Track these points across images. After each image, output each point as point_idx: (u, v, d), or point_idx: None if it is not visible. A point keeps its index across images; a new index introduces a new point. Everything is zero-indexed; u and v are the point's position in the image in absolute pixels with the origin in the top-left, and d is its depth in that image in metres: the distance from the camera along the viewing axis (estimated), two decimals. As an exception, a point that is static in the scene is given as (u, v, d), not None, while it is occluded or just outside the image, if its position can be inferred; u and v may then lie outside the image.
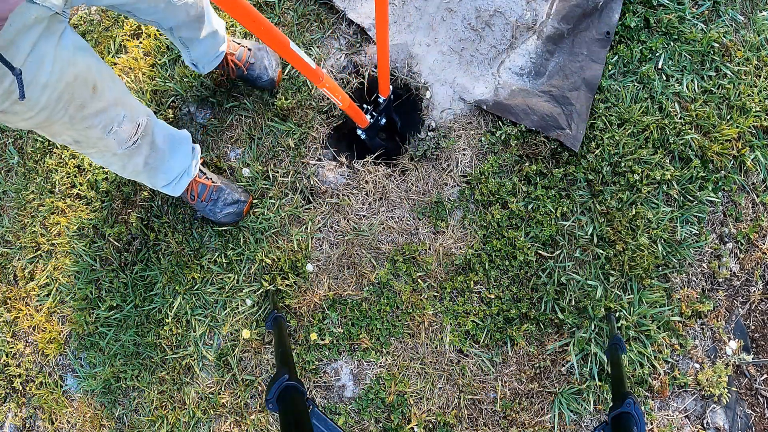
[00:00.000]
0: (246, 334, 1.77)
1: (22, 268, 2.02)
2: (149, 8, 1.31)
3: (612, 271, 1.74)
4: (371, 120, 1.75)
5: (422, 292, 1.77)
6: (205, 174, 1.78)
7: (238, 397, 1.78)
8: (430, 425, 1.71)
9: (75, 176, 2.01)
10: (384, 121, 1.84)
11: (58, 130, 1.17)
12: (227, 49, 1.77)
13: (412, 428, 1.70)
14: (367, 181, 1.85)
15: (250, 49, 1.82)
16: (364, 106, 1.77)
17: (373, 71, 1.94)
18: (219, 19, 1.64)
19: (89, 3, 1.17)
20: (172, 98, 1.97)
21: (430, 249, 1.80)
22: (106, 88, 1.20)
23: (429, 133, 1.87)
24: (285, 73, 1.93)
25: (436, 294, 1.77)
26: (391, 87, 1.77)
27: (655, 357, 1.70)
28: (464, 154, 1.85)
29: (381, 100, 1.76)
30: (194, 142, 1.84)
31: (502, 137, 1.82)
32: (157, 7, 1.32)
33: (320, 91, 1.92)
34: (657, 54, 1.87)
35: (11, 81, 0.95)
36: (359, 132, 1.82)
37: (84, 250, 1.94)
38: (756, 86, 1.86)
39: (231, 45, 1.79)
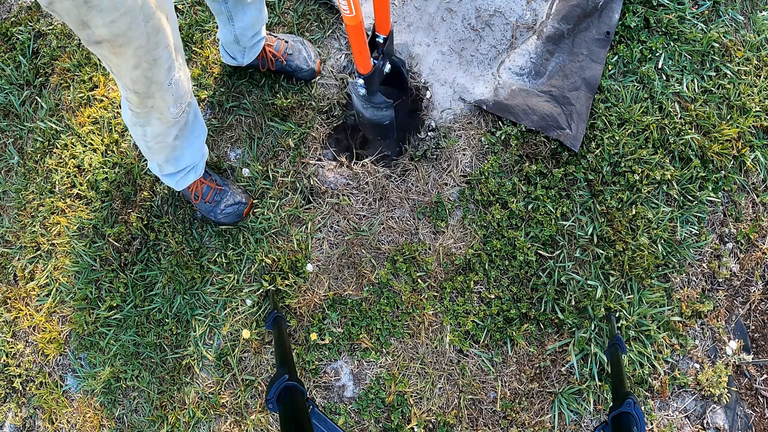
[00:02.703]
0: (246, 334, 1.77)
1: (22, 268, 2.02)
2: None
3: (612, 271, 1.74)
4: (374, 64, 1.47)
5: (422, 292, 1.77)
6: (210, 176, 1.79)
7: (238, 397, 1.78)
8: (430, 425, 1.71)
9: (75, 176, 2.01)
10: (389, 67, 1.57)
11: (129, 59, 1.13)
12: (265, 41, 1.77)
13: (412, 428, 1.70)
14: (367, 181, 1.85)
15: (287, 41, 1.83)
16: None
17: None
18: None
19: None
20: (172, 98, 1.97)
21: (430, 249, 1.80)
22: (172, 27, 1.19)
23: (429, 133, 1.87)
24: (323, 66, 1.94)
25: (436, 294, 1.77)
26: (392, 24, 1.50)
27: (655, 357, 1.70)
28: (464, 154, 1.85)
29: (380, 40, 1.47)
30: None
31: (502, 137, 1.82)
32: None
33: (320, 90, 1.93)
34: (657, 54, 1.87)
35: None
36: (359, 87, 1.52)
37: (84, 250, 1.94)
38: (756, 86, 1.86)
39: (268, 38, 1.80)
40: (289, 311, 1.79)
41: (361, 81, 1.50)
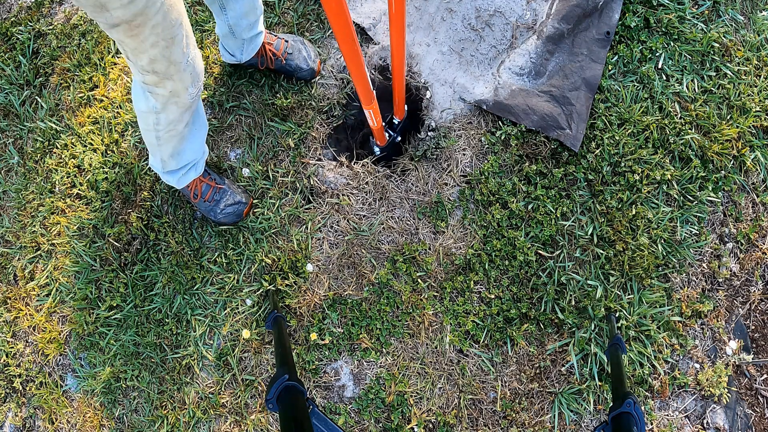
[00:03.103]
0: (246, 334, 1.77)
1: (22, 268, 2.02)
2: None
3: (612, 271, 1.74)
4: (389, 138, 1.84)
5: (422, 292, 1.77)
6: (209, 174, 1.79)
7: (238, 397, 1.78)
8: (430, 425, 1.71)
9: (75, 176, 2.01)
10: (399, 138, 1.91)
11: (147, 38, 1.13)
12: (264, 39, 1.78)
13: (412, 428, 1.70)
14: (367, 181, 1.85)
15: (287, 41, 1.83)
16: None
17: (373, 73, 1.94)
18: None
19: None
20: (172, 98, 1.97)
21: (430, 249, 1.80)
22: (183, 7, 1.20)
23: (429, 133, 1.87)
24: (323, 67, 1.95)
25: (436, 294, 1.77)
26: (406, 108, 1.80)
27: (655, 357, 1.70)
28: (464, 154, 1.85)
29: (396, 122, 1.83)
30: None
31: (502, 137, 1.82)
32: None
33: (320, 90, 1.93)
34: (657, 54, 1.87)
35: None
36: (375, 148, 1.92)
37: (84, 250, 1.94)
38: (756, 86, 1.86)
39: (268, 36, 1.80)
40: (289, 311, 1.79)
41: (377, 147, 1.93)
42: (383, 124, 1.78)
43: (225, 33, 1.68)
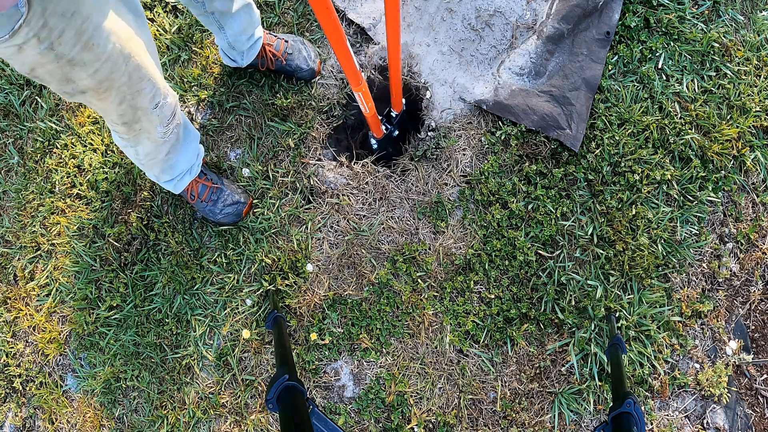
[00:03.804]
0: (246, 334, 1.77)
1: (22, 268, 2.02)
2: None
3: (612, 271, 1.74)
4: (385, 132, 1.83)
5: (422, 292, 1.77)
6: (206, 175, 1.79)
7: (238, 397, 1.78)
8: (430, 425, 1.71)
9: (75, 176, 2.01)
10: (397, 133, 1.90)
11: (114, 99, 1.15)
12: (264, 40, 1.78)
13: (412, 428, 1.70)
14: (367, 181, 1.85)
15: (287, 41, 1.83)
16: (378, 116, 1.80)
17: (372, 73, 1.94)
18: None
19: None
20: (172, 98, 1.97)
21: (430, 249, 1.80)
22: (153, 56, 1.21)
23: (429, 133, 1.87)
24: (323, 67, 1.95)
25: (436, 294, 1.77)
26: (404, 101, 1.81)
27: (655, 357, 1.70)
28: (464, 154, 1.85)
29: (394, 115, 1.82)
30: (194, 142, 1.84)
31: (502, 137, 1.82)
32: None
33: (320, 90, 1.93)
34: (657, 54, 1.87)
35: (83, 18, 0.94)
36: (372, 141, 1.88)
37: (84, 250, 1.94)
38: (756, 86, 1.86)
39: (268, 37, 1.81)
40: (289, 311, 1.79)
41: (374, 140, 1.90)
42: (381, 117, 1.79)
43: (225, 47, 1.72)
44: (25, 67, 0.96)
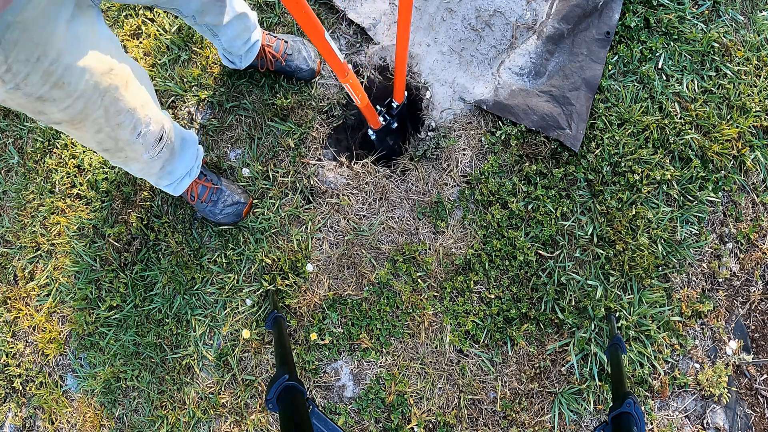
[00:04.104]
0: (246, 334, 1.77)
1: (22, 268, 2.02)
2: None
3: (612, 271, 1.74)
4: (383, 123, 1.80)
5: (422, 292, 1.77)
6: (205, 175, 1.78)
7: (238, 397, 1.78)
8: (430, 425, 1.71)
9: (75, 176, 2.01)
10: (395, 125, 1.87)
11: (90, 129, 1.15)
12: (263, 41, 1.78)
13: (412, 428, 1.70)
14: (367, 182, 1.85)
15: (286, 42, 1.83)
16: (377, 107, 1.78)
17: (372, 73, 1.94)
18: (244, 3, 1.62)
19: None
20: (172, 98, 1.97)
21: (430, 249, 1.80)
22: (137, 87, 1.21)
23: (429, 133, 1.87)
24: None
25: (436, 294, 1.77)
26: (406, 94, 1.79)
27: (655, 357, 1.70)
28: (464, 154, 1.85)
29: (395, 105, 1.80)
30: (194, 142, 1.84)
31: (502, 137, 1.82)
32: None
33: (320, 90, 1.93)
34: (657, 54, 1.87)
35: (51, 60, 0.94)
36: (370, 132, 1.86)
37: (84, 250, 1.94)
38: (756, 86, 1.86)
39: (267, 38, 1.81)
40: (289, 311, 1.79)
41: (370, 130, 1.85)
42: (381, 108, 1.79)
43: (222, 52, 1.73)
44: None
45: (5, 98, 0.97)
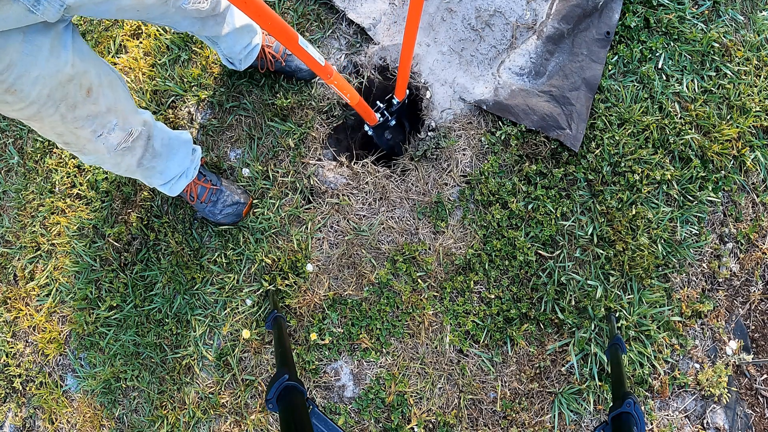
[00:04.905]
0: (246, 334, 1.77)
1: (22, 268, 2.02)
2: (160, 15, 1.29)
3: (612, 271, 1.74)
4: (381, 119, 1.77)
5: (422, 292, 1.77)
6: (204, 176, 1.78)
7: (238, 397, 1.78)
8: (430, 425, 1.71)
9: (75, 176, 2.01)
10: (394, 122, 1.86)
11: (48, 126, 1.17)
12: (263, 42, 1.78)
13: (412, 428, 1.70)
14: (367, 182, 1.85)
15: None
16: (378, 103, 1.77)
17: (372, 73, 1.94)
18: (244, 15, 1.62)
19: (95, 15, 1.14)
20: (172, 98, 1.97)
21: (430, 249, 1.80)
22: (102, 94, 1.20)
23: (429, 133, 1.87)
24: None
25: (436, 294, 1.77)
26: (407, 92, 1.78)
27: (655, 357, 1.70)
28: (464, 154, 1.85)
29: (395, 102, 1.78)
30: (194, 143, 1.83)
31: (502, 137, 1.82)
32: (167, 12, 1.30)
33: (321, 90, 1.93)
34: (657, 54, 1.87)
35: (2, 69, 0.96)
36: (366, 128, 1.83)
37: (84, 250, 1.94)
38: (756, 86, 1.86)
39: (267, 38, 1.81)
40: (289, 311, 1.79)
41: (367, 126, 1.82)
42: (381, 104, 1.78)
43: (222, 57, 1.74)
44: None
45: None
